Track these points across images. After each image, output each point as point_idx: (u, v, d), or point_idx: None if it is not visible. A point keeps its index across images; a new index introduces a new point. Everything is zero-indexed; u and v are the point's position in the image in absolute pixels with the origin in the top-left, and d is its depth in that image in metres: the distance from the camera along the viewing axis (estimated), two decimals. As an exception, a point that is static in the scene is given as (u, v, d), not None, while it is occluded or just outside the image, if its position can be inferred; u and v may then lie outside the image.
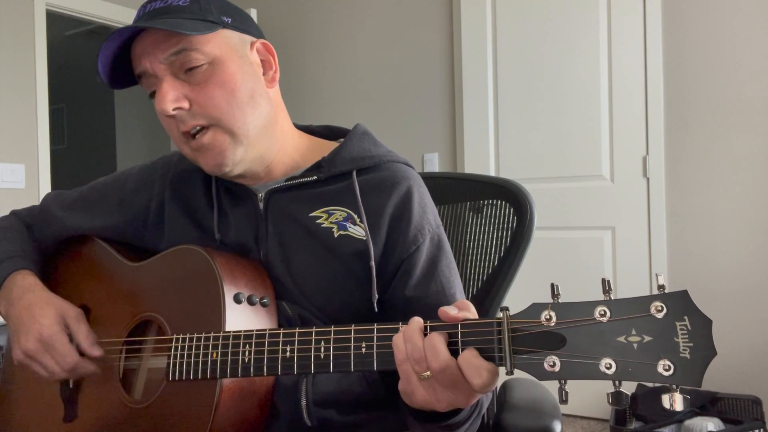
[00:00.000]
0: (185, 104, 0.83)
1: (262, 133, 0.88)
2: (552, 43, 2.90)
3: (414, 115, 3.34)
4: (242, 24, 0.89)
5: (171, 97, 0.82)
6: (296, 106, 3.60)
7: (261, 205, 0.91)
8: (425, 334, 0.64)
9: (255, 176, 0.92)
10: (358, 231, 0.86)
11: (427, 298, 0.86)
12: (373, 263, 0.85)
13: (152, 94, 0.86)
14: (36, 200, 3.21)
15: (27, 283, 0.95)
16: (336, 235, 0.87)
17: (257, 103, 0.87)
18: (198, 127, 0.84)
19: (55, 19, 3.63)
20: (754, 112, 2.51)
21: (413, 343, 0.63)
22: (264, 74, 0.90)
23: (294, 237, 0.89)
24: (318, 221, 0.88)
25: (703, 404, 2.38)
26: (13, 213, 1.11)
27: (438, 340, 0.63)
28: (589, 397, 2.72)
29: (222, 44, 0.85)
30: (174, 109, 0.82)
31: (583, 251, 2.84)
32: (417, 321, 0.65)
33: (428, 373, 0.63)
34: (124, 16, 3.71)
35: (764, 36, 2.49)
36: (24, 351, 0.89)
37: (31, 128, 3.26)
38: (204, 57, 0.83)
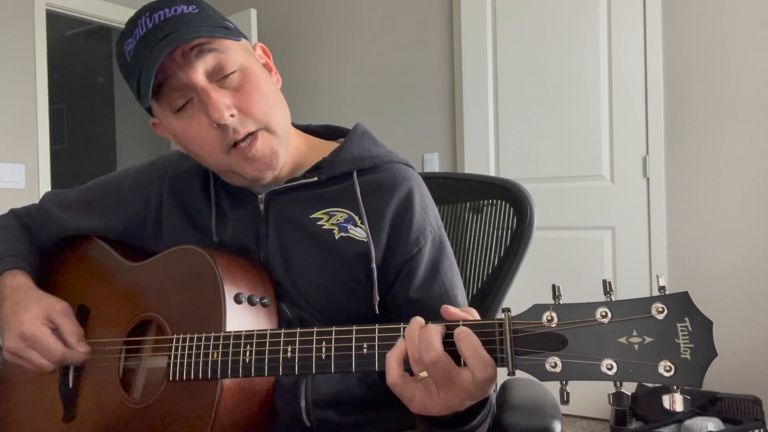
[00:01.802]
0: (234, 111, 0.81)
1: (288, 132, 0.89)
2: (552, 43, 2.90)
3: (414, 115, 3.34)
4: (238, 30, 0.88)
5: (224, 104, 0.79)
6: (296, 106, 3.60)
7: (261, 206, 0.91)
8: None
9: None
10: (359, 233, 0.86)
11: (430, 299, 0.85)
12: (374, 265, 0.85)
13: (179, 111, 0.83)
14: (36, 200, 3.20)
15: (16, 283, 0.95)
16: (337, 237, 0.86)
17: (282, 101, 0.88)
18: (247, 134, 0.82)
19: (55, 19, 3.63)
20: (754, 112, 2.51)
21: (413, 343, 0.64)
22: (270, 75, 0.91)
23: (294, 239, 0.88)
24: (319, 223, 0.88)
25: (703, 404, 2.38)
26: (12, 212, 1.11)
27: (433, 332, 0.63)
28: (589, 397, 2.72)
29: (243, 51, 0.85)
30: (228, 117, 0.80)
31: (583, 251, 2.84)
32: (418, 321, 0.65)
33: (425, 373, 0.63)
34: (125, 16, 3.71)
35: (764, 36, 2.49)
36: (8, 349, 0.89)
37: (31, 128, 3.27)
38: (235, 64, 0.82)
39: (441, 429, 0.71)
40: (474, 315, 0.67)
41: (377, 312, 0.86)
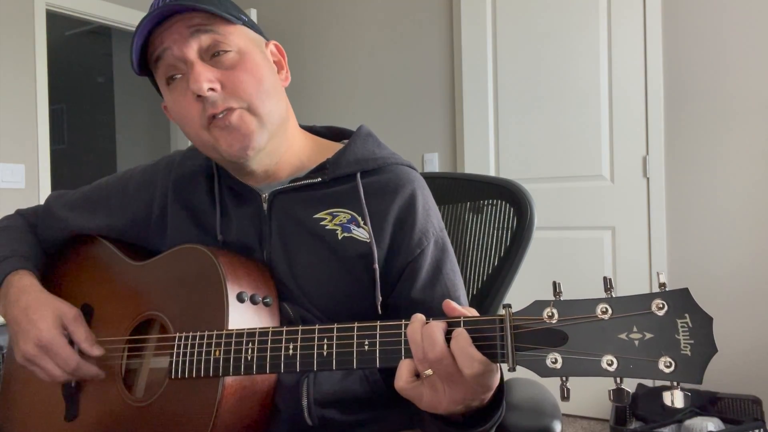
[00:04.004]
0: (218, 86, 0.83)
1: (280, 126, 0.89)
2: (552, 43, 2.90)
3: (414, 115, 3.35)
4: (255, 26, 0.91)
5: (206, 77, 0.82)
6: (297, 107, 3.58)
7: (265, 206, 0.91)
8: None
9: (263, 174, 0.91)
10: (361, 233, 0.87)
11: (433, 301, 0.86)
12: (377, 266, 0.85)
13: (169, 80, 0.86)
14: (36, 200, 3.21)
15: (23, 284, 0.95)
16: (340, 237, 0.87)
17: (279, 95, 0.89)
18: (225, 111, 0.83)
19: (55, 19, 3.63)
20: (754, 111, 2.52)
21: (416, 342, 0.64)
22: (278, 73, 0.92)
23: (297, 238, 0.89)
24: (322, 223, 0.88)
25: (703, 404, 2.38)
26: (18, 212, 1.11)
27: (436, 328, 0.63)
28: (590, 397, 2.73)
29: (246, 37, 0.87)
30: (208, 90, 0.82)
31: (583, 251, 2.84)
32: (419, 319, 0.65)
33: (430, 371, 0.63)
34: (124, 16, 3.71)
35: (764, 36, 2.49)
36: (24, 355, 0.89)
37: (31, 128, 3.27)
38: (232, 45, 0.84)
39: (454, 429, 0.71)
40: (474, 314, 0.67)
41: (379, 312, 0.86)
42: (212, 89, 0.82)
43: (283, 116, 0.90)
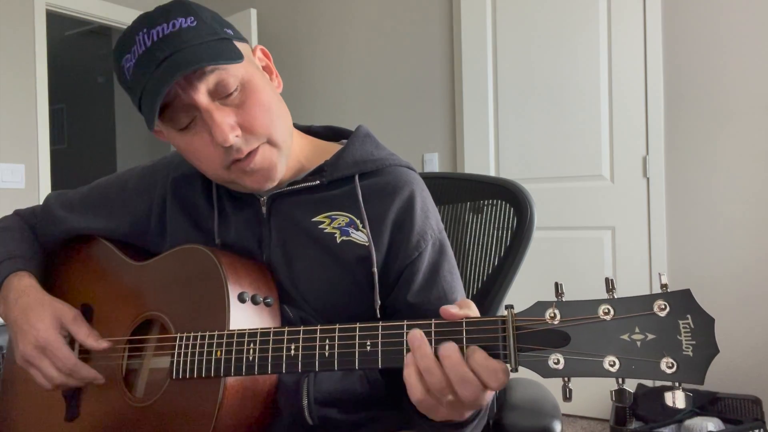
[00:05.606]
0: (239, 131, 0.80)
1: (290, 139, 0.88)
2: (552, 43, 2.90)
3: (414, 115, 3.35)
4: (238, 33, 0.86)
5: (228, 126, 0.78)
6: (295, 107, 3.61)
7: (264, 209, 0.91)
8: (431, 342, 0.64)
9: None
10: (360, 237, 0.86)
11: (429, 303, 0.85)
12: (375, 269, 0.85)
13: (184, 128, 0.81)
14: (36, 200, 3.21)
15: (23, 285, 0.95)
16: (338, 241, 0.87)
17: (283, 109, 0.87)
18: (249, 153, 0.81)
19: (55, 19, 3.63)
20: (754, 112, 2.52)
21: (434, 375, 0.63)
22: (271, 81, 0.88)
23: (296, 242, 0.88)
24: (320, 226, 0.88)
25: (703, 404, 2.38)
26: (16, 213, 1.11)
27: (457, 360, 0.62)
28: (590, 397, 2.73)
29: (244, 62, 0.81)
30: (233, 138, 0.78)
31: (583, 251, 2.84)
32: (425, 352, 0.64)
33: (451, 397, 0.63)
34: (124, 16, 3.71)
35: (763, 36, 2.49)
36: (23, 356, 0.89)
37: (31, 128, 3.27)
38: (236, 80, 0.80)
39: (444, 428, 0.71)
40: (472, 308, 0.67)
41: (378, 316, 0.86)
42: (236, 136, 0.79)
43: (291, 129, 0.88)
